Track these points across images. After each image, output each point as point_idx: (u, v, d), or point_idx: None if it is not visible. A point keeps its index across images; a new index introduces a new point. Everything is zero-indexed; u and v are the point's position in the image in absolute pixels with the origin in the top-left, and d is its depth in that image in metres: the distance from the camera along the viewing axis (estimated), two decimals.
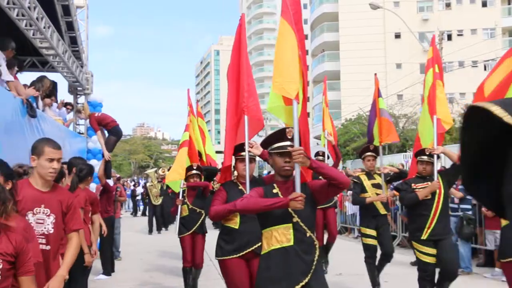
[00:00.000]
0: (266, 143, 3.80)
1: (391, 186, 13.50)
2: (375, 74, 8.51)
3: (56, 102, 9.99)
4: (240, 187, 4.85)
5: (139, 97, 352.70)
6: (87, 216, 5.78)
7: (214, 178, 8.83)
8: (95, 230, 6.15)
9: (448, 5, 48.23)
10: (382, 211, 7.33)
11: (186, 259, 7.51)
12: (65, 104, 10.57)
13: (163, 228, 17.59)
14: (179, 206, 7.53)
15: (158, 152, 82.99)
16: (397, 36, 45.77)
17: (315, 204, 3.67)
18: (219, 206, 4.54)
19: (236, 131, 4.92)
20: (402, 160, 20.19)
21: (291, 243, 3.48)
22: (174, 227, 8.53)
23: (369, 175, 7.45)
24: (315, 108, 59.23)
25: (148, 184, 17.45)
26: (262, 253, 3.63)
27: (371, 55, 44.52)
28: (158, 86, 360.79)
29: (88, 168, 6.09)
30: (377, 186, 7.35)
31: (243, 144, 4.74)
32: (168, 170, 18.39)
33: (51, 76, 11.45)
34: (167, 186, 16.39)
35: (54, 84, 9.84)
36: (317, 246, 3.56)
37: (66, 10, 9.84)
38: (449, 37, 43.64)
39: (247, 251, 4.74)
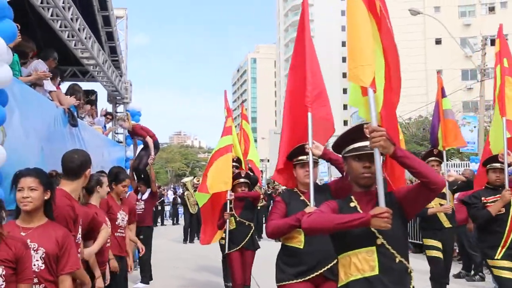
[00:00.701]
0: (338, 145, 3.00)
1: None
2: (438, 72, 8.07)
3: (96, 111, 10.16)
4: (302, 197, 4.14)
5: (176, 105, 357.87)
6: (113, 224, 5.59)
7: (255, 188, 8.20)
8: (132, 239, 6.14)
9: (491, 9, 47.19)
10: (447, 224, 6.56)
11: (236, 280, 6.60)
12: (105, 114, 10.72)
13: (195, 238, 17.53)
14: (227, 220, 6.73)
15: (195, 161, 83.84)
16: (438, 42, 45.05)
17: (405, 219, 2.85)
18: (278, 220, 3.99)
19: (295, 131, 4.29)
20: (444, 169, 19.68)
21: (376, 271, 2.67)
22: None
23: None
24: (353, 116, 58.79)
25: (186, 193, 17.51)
26: (339, 285, 2.87)
27: (411, 62, 43.87)
28: (195, 94, 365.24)
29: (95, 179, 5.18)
30: (440, 195, 6.43)
31: (301, 147, 4.10)
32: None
33: (91, 85, 11.69)
34: None
35: (94, 94, 10.05)
36: (412, 274, 2.81)
37: (107, 21, 10.03)
38: (493, 42, 42.59)
39: (315, 274, 3.94)
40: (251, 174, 7.73)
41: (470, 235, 9.84)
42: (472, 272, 9.95)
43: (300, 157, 4.16)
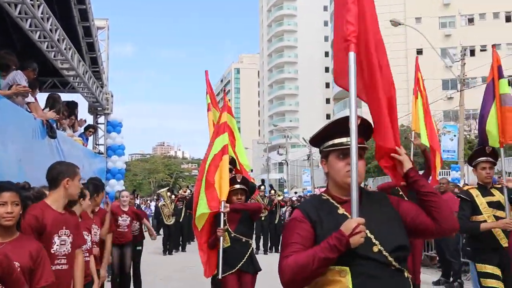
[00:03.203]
0: None
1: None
2: (493, 45, 6.03)
3: (76, 121, 10.05)
4: (342, 210, 2.43)
5: (159, 116, 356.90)
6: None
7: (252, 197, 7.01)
8: (107, 251, 6.09)
9: (471, 20, 47.97)
10: (505, 242, 5.15)
11: None
12: (87, 127, 10.61)
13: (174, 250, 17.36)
14: (221, 238, 5.39)
15: (178, 171, 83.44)
16: (419, 52, 45.51)
17: None
18: (299, 254, 2.29)
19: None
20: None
21: None
22: (192, 247, 8.01)
23: (484, 190, 5.33)
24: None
25: (160, 204, 17.35)
26: None
27: (393, 72, 44.32)
28: (178, 105, 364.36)
29: None
30: (496, 205, 5.21)
31: (341, 122, 2.48)
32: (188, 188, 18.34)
33: (71, 96, 11.59)
34: (186, 206, 16.33)
35: (75, 104, 9.93)
36: None
37: (87, 31, 9.97)
38: (472, 53, 43.26)
39: None
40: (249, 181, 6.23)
41: (450, 242, 9.93)
42: (451, 279, 10.01)
43: (337, 140, 2.48)
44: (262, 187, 17.33)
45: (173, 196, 17.40)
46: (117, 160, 11.71)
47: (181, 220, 16.99)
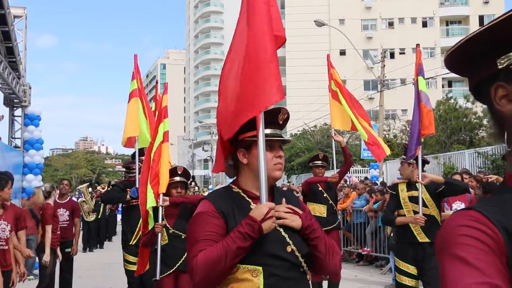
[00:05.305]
0: None
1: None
2: (417, 45, 6.28)
3: None
4: (254, 205, 2.24)
5: (83, 110, 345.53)
6: None
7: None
8: (23, 247, 5.83)
9: (391, 24, 49.94)
10: (422, 237, 5.18)
11: None
12: None
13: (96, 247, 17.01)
14: (159, 235, 4.93)
15: (102, 167, 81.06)
16: (342, 53, 46.87)
17: None
18: (209, 250, 2.09)
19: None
20: (346, 176, 20.42)
21: None
22: (112, 244, 7.80)
23: (410, 185, 5.46)
24: None
25: (80, 200, 16.84)
26: None
27: (316, 71, 45.34)
28: (102, 100, 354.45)
29: None
30: (415, 200, 5.27)
31: (269, 115, 2.35)
32: (109, 185, 17.91)
33: None
34: (102, 200, 15.94)
35: None
36: None
37: (3, 19, 9.48)
38: (392, 55, 45.14)
39: None
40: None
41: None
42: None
43: (266, 131, 2.32)
44: (193, 183, 17.25)
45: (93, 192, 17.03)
46: (35, 155, 11.22)
47: (99, 217, 16.73)
